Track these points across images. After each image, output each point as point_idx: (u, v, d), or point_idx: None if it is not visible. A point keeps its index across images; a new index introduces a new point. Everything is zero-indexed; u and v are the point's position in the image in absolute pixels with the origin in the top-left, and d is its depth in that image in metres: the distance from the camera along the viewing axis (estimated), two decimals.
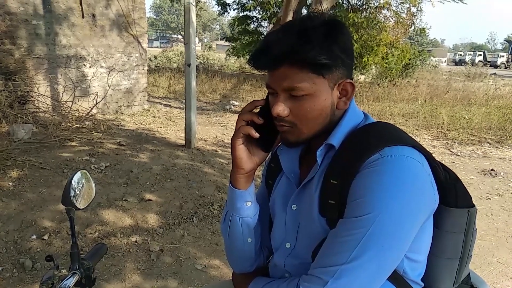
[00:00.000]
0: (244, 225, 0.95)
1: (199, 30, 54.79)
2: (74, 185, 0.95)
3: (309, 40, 0.75)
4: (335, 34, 0.78)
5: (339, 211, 0.78)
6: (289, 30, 0.78)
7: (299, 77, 0.77)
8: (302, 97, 0.79)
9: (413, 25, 11.71)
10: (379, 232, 0.72)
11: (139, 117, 7.36)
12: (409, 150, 0.77)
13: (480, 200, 4.02)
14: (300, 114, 0.81)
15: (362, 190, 0.74)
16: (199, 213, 3.36)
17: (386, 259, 0.74)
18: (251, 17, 14.55)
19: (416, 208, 0.75)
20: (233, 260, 1.04)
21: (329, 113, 0.82)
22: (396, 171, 0.73)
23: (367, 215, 0.72)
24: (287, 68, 0.77)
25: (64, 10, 6.45)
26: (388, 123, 0.87)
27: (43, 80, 6.26)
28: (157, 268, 2.59)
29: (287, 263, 0.92)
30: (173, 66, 16.87)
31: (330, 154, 0.84)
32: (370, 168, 0.74)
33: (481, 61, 37.71)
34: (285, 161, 0.94)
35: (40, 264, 2.51)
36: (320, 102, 0.80)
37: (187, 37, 5.21)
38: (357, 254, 0.72)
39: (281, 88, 0.80)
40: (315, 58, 0.75)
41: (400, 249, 0.75)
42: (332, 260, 0.74)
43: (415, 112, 8.47)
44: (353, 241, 0.73)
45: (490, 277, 2.65)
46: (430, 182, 0.77)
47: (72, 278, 0.85)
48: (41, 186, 3.54)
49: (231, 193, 0.94)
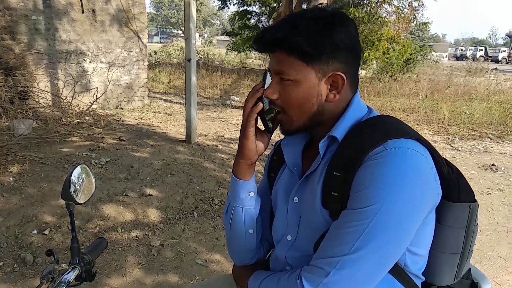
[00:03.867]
0: (247, 216, 0.96)
1: (200, 25, 54.61)
2: (74, 179, 0.95)
3: (299, 28, 0.78)
4: (331, 28, 0.79)
5: (341, 202, 0.78)
6: (289, 20, 0.82)
7: (288, 62, 0.81)
8: (288, 81, 0.82)
9: (415, 19, 11.61)
10: (382, 224, 0.72)
11: (139, 112, 7.36)
12: (413, 143, 0.77)
13: (481, 195, 4.02)
14: (286, 99, 0.84)
15: (365, 182, 0.74)
16: (199, 208, 3.37)
17: (388, 251, 0.74)
18: (251, 12, 14.48)
19: (419, 201, 0.75)
20: (234, 252, 1.05)
21: (315, 103, 0.84)
22: (399, 163, 0.73)
23: (370, 206, 0.72)
24: (279, 53, 0.82)
25: (64, 5, 6.42)
26: (392, 116, 0.87)
27: (43, 75, 6.24)
28: (158, 262, 2.60)
29: (289, 256, 0.92)
30: (173, 61, 16.83)
31: (333, 147, 0.84)
32: (374, 160, 0.74)
33: (482, 56, 37.54)
34: (288, 154, 0.95)
35: (41, 259, 2.52)
36: (304, 90, 0.82)
37: (187, 32, 5.19)
38: (360, 245, 0.72)
39: (273, 71, 0.85)
40: (302, 46, 0.78)
41: (403, 241, 0.75)
42: (335, 251, 0.74)
43: (416, 107, 8.45)
44: (356, 232, 0.73)
45: (490, 272, 2.65)
46: (433, 175, 0.78)
47: (72, 272, 0.85)
48: (42, 181, 3.54)
49: (234, 184, 0.95)
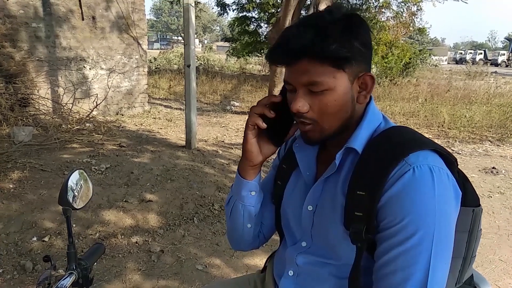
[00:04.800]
0: (246, 212, 0.99)
1: (199, 31, 54.82)
2: (71, 185, 0.94)
3: (328, 34, 0.74)
4: (355, 28, 0.77)
5: (367, 223, 0.77)
6: (308, 24, 0.76)
7: (319, 71, 0.76)
8: (322, 92, 0.77)
9: (412, 23, 11.66)
10: (435, 249, 0.72)
11: (139, 119, 7.37)
12: (433, 157, 0.77)
13: (482, 198, 4.01)
14: (320, 110, 0.79)
15: (401, 213, 0.74)
16: (199, 214, 3.36)
17: (444, 270, 0.75)
18: (250, 17, 14.54)
19: (454, 216, 0.77)
20: (231, 239, 1.10)
21: (349, 108, 0.81)
22: (429, 186, 0.73)
23: (417, 234, 0.72)
24: (306, 63, 0.76)
25: (64, 12, 6.46)
26: (407, 127, 0.86)
27: (43, 82, 6.26)
28: (158, 268, 2.59)
29: (300, 258, 0.93)
30: (173, 67, 16.87)
31: (350, 158, 0.84)
32: (400, 182, 0.74)
33: (481, 59, 37.64)
34: (302, 159, 0.94)
35: (40, 266, 2.51)
36: (341, 96, 0.78)
37: (186, 37, 5.21)
38: (425, 272, 0.72)
39: (301, 83, 0.78)
40: (336, 51, 0.74)
41: (450, 257, 0.76)
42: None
43: (416, 111, 8.45)
44: (415, 265, 0.72)
45: (491, 275, 2.64)
46: (452, 188, 0.78)
47: (69, 278, 0.85)
48: (42, 188, 3.54)
49: (238, 181, 0.97)
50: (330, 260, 0.87)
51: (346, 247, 0.81)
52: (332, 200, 0.84)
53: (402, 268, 0.73)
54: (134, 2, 7.57)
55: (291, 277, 0.94)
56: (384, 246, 0.76)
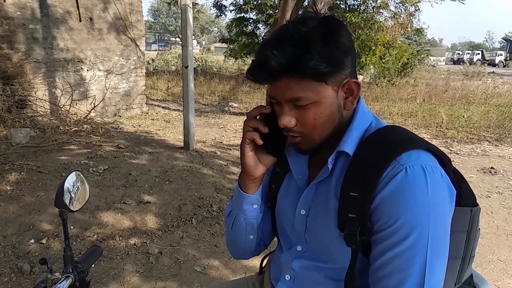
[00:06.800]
0: (248, 225, 0.98)
1: (197, 32, 54.78)
2: (67, 187, 0.94)
3: (306, 49, 0.71)
4: (333, 36, 0.75)
5: (360, 224, 0.76)
6: (284, 39, 0.74)
7: (301, 87, 0.75)
8: (307, 106, 0.77)
9: (411, 24, 11.66)
10: (431, 247, 0.72)
11: (137, 120, 7.35)
12: (425, 156, 0.76)
13: (480, 198, 4.01)
14: (307, 123, 0.79)
15: (395, 214, 0.73)
16: (198, 215, 3.35)
17: (442, 269, 0.75)
18: (248, 19, 14.53)
19: (449, 215, 0.77)
20: (233, 250, 1.08)
21: (337, 116, 0.81)
22: (422, 186, 0.73)
23: (412, 235, 0.72)
24: (287, 80, 0.74)
25: (62, 14, 6.44)
26: (399, 126, 0.85)
27: (41, 84, 6.24)
28: (156, 270, 2.58)
29: (295, 263, 0.92)
30: (171, 68, 16.86)
31: (342, 160, 0.83)
32: (394, 182, 0.73)
33: (479, 60, 37.73)
34: (293, 163, 0.93)
35: (38, 268, 2.49)
36: (326, 107, 0.78)
37: (184, 39, 5.20)
38: (421, 273, 0.72)
39: (284, 99, 0.78)
40: (315, 68, 0.72)
41: (447, 256, 0.76)
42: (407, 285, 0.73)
43: (414, 112, 8.47)
44: (411, 266, 0.72)
45: (491, 275, 2.64)
46: (446, 186, 0.77)
47: (66, 281, 0.84)
48: (39, 190, 3.52)
49: (239, 195, 0.94)
50: (326, 264, 0.87)
51: (341, 250, 0.81)
52: (325, 203, 0.84)
53: (398, 270, 0.72)
54: (132, 3, 7.57)
55: (288, 281, 0.94)
56: (379, 248, 0.75)
